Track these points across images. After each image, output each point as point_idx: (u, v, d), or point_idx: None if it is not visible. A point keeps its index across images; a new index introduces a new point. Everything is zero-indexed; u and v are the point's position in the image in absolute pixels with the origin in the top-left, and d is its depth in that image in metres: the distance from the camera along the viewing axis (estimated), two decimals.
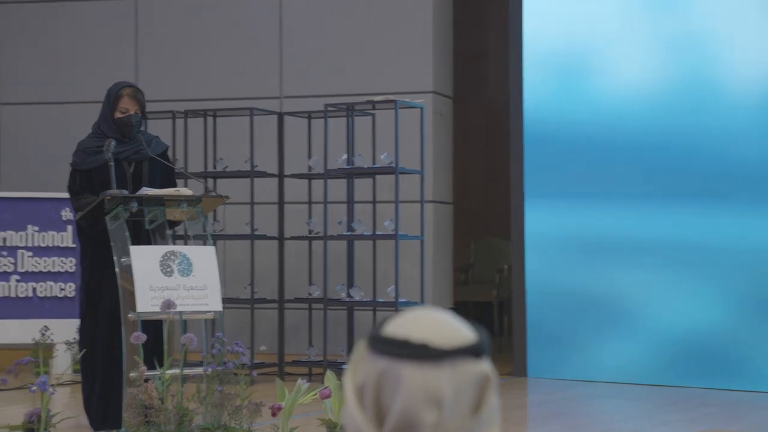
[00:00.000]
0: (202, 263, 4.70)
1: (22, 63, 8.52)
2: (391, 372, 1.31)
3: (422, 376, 1.30)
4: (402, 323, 1.34)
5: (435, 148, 7.80)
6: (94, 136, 5.02)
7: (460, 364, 1.31)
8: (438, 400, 1.30)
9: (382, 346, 1.33)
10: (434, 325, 1.34)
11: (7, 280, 7.53)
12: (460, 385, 1.31)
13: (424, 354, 1.30)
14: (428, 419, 1.30)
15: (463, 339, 1.33)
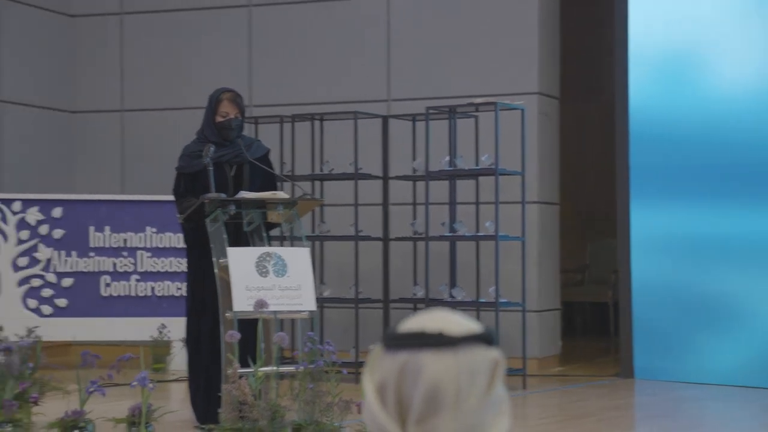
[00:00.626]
0: (296, 264, 4.85)
1: (144, 71, 8.87)
2: (412, 363, 1.39)
3: (442, 361, 1.38)
4: (414, 321, 1.44)
5: (540, 149, 7.80)
6: (198, 141, 5.24)
7: (474, 350, 1.39)
8: (456, 384, 1.39)
9: (400, 341, 1.42)
10: (445, 318, 1.43)
11: (127, 279, 7.87)
12: (474, 370, 1.39)
13: (441, 341, 1.39)
14: (449, 402, 1.38)
15: (474, 328, 1.42)
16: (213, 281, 4.91)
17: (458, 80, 7.88)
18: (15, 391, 4.72)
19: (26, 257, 7.77)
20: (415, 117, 7.36)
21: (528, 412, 6.12)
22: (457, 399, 1.39)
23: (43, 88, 8.78)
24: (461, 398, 1.39)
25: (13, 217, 7.80)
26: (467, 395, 1.39)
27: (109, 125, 8.95)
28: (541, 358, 7.69)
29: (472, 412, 1.40)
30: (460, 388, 1.39)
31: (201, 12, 8.76)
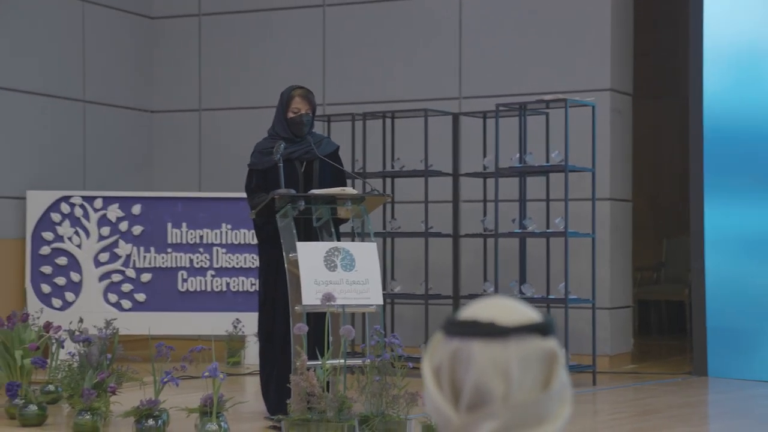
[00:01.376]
0: (364, 259, 4.93)
1: (221, 71, 9.05)
2: (463, 350, 1.42)
3: (491, 351, 1.40)
4: (473, 308, 1.46)
5: (612, 146, 7.77)
6: (269, 138, 5.35)
7: (526, 341, 1.41)
8: (506, 374, 1.40)
9: (454, 328, 1.45)
10: (501, 307, 1.45)
11: (203, 275, 8.05)
12: (526, 360, 1.40)
13: (492, 331, 1.41)
14: (497, 392, 1.40)
15: (529, 318, 1.43)
16: (284, 275, 5.01)
17: (530, 77, 7.89)
18: (94, 381, 4.89)
19: (107, 253, 8.00)
20: (485, 114, 7.40)
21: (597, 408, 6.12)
22: (507, 390, 1.40)
23: (125, 89, 9.02)
24: (512, 389, 1.40)
25: (95, 214, 8.04)
26: (519, 386, 1.40)
27: (187, 124, 9.15)
28: (612, 355, 7.66)
29: (529, 403, 1.40)
30: (510, 378, 1.40)
31: (276, 12, 8.91)
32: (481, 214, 7.49)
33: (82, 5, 8.68)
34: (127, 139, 9.02)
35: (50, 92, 8.37)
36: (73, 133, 8.57)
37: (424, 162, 7.17)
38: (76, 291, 7.95)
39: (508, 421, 1.41)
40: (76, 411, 4.73)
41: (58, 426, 4.91)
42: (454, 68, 8.18)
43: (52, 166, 8.35)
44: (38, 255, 7.93)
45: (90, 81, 8.71)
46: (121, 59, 8.99)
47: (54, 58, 8.43)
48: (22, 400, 4.98)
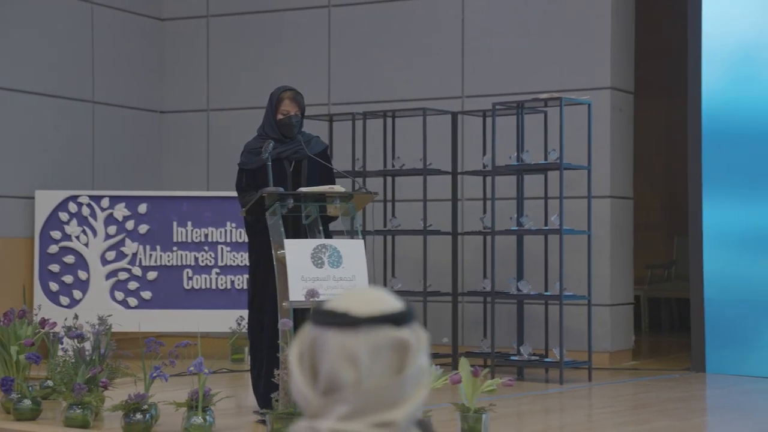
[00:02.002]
0: (351, 256, 5.01)
1: (228, 71, 9.16)
2: (320, 338, 1.53)
3: (342, 340, 1.50)
4: (338, 298, 1.56)
5: (613, 144, 7.80)
6: (259, 138, 5.44)
7: (377, 330, 1.50)
8: (355, 361, 1.49)
9: (316, 317, 1.56)
10: (361, 298, 1.54)
11: (208, 273, 8.16)
12: (376, 349, 1.49)
13: (344, 321, 1.51)
14: (348, 378, 1.50)
15: (383, 309, 1.52)
16: (273, 272, 5.10)
17: (531, 76, 7.93)
18: (86, 376, 4.99)
19: (113, 251, 8.13)
20: (485, 113, 7.46)
21: (588, 402, 6.17)
22: (358, 376, 1.49)
23: (134, 90, 9.14)
24: (362, 376, 1.49)
25: (102, 213, 8.17)
26: (370, 373, 1.48)
27: (195, 124, 9.26)
28: (613, 351, 7.69)
29: (380, 388, 1.49)
30: (359, 366, 1.49)
31: (283, 13, 9.00)
32: (480, 212, 7.55)
33: (91, 7, 8.81)
34: (136, 140, 9.14)
35: (60, 93, 8.51)
36: (82, 134, 8.70)
37: (422, 161, 7.23)
38: (83, 289, 8.08)
39: (360, 404, 1.49)
40: (68, 405, 4.83)
41: (52, 420, 5.02)
42: (456, 67, 8.24)
43: (62, 167, 8.48)
44: (46, 253, 8.07)
45: (99, 82, 8.84)
46: (130, 60, 9.12)
47: (63, 60, 8.56)
48: (17, 395, 5.09)
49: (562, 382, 6.56)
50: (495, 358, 6.84)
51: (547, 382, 6.79)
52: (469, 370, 4.49)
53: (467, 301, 7.85)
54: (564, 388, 6.50)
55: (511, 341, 7.26)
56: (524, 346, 6.86)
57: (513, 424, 5.46)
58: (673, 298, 11.20)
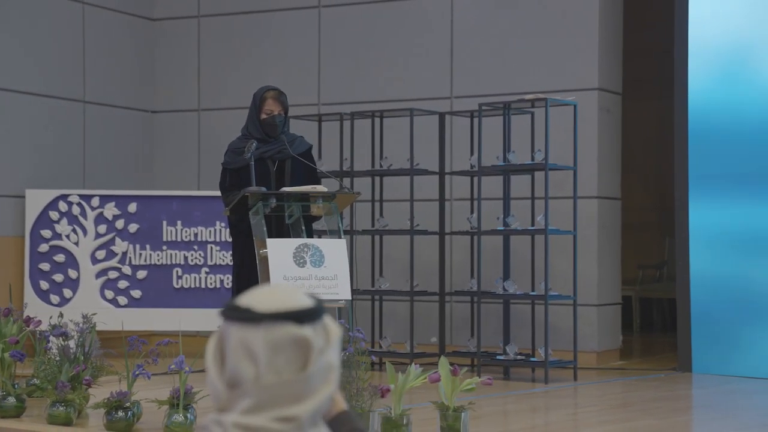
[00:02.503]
0: (333, 255, 5.04)
1: (219, 71, 9.19)
2: (225, 333, 1.57)
3: (242, 335, 1.53)
4: (248, 294, 1.58)
5: (600, 145, 7.83)
6: (242, 138, 5.47)
7: (277, 327, 1.52)
8: (254, 357, 1.52)
9: (224, 311, 1.59)
10: (265, 295, 1.56)
11: (198, 272, 8.19)
12: (276, 345, 1.52)
13: (244, 317, 1.53)
14: (248, 373, 1.53)
15: (286, 306, 1.54)
16: (256, 272, 5.13)
17: (519, 76, 7.97)
18: (70, 374, 5.02)
19: (104, 250, 8.15)
20: (473, 113, 7.49)
21: (570, 402, 6.20)
22: (257, 371, 1.52)
23: (125, 89, 9.17)
24: (261, 372, 1.51)
25: (92, 212, 8.19)
26: (269, 369, 1.51)
27: (186, 124, 9.29)
28: (600, 351, 7.72)
29: (282, 383, 1.51)
30: (258, 361, 1.51)
31: (273, 14, 9.03)
32: (468, 212, 7.58)
33: (82, 7, 8.84)
34: (127, 139, 9.17)
35: (51, 93, 8.54)
36: (73, 133, 8.73)
37: (410, 161, 7.26)
38: (73, 288, 8.11)
39: (262, 399, 1.52)
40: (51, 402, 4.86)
41: (36, 417, 5.05)
42: (445, 68, 8.27)
43: (52, 166, 8.51)
44: (37, 252, 8.10)
45: (90, 82, 8.86)
46: (121, 60, 9.15)
47: (54, 59, 8.59)
48: (2, 393, 5.12)
49: (547, 382, 6.60)
50: (481, 358, 6.87)
51: (533, 382, 6.82)
52: (449, 368, 4.52)
53: (454, 300, 7.88)
54: (549, 387, 6.53)
55: (498, 341, 7.28)
56: (510, 346, 6.89)
57: (498, 422, 5.49)
58: (665, 298, 11.23)
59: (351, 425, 1.76)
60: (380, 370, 6.95)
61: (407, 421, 4.42)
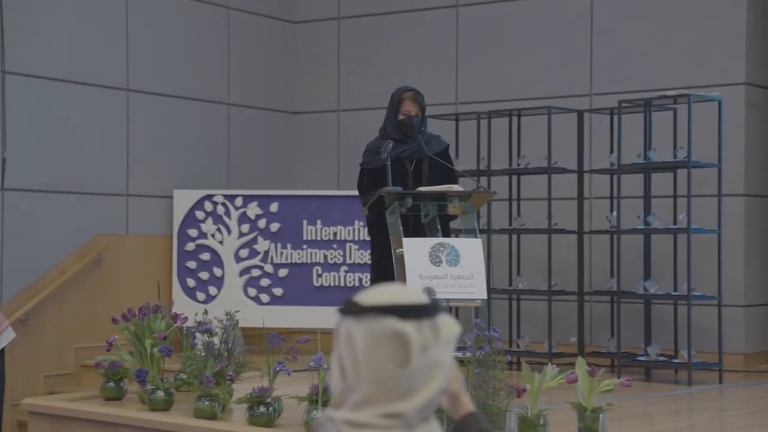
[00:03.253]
0: (469, 254, 5.04)
1: (359, 72, 9.31)
2: (337, 327, 1.61)
3: (347, 327, 1.57)
4: (366, 290, 1.62)
5: (748, 141, 7.60)
6: (380, 138, 5.53)
7: (378, 321, 1.55)
8: (353, 348, 1.56)
9: (340, 307, 1.63)
10: (380, 291, 1.59)
11: (337, 270, 8.32)
12: (374, 339, 1.54)
13: (350, 309, 1.57)
14: (348, 364, 1.57)
15: (392, 301, 1.56)
16: (393, 271, 5.18)
17: (662, 71, 7.80)
18: (214, 370, 5.17)
19: (246, 249, 8.37)
20: (612, 111, 7.37)
21: (714, 405, 6.04)
22: (356, 362, 1.54)
23: (267, 91, 9.38)
24: (360, 363, 1.54)
25: (236, 211, 8.42)
26: (367, 361, 1.53)
27: (326, 125, 9.44)
28: (747, 353, 7.50)
29: (387, 378, 1.53)
30: (357, 353, 1.54)
31: (411, 14, 9.09)
32: (607, 211, 7.47)
33: (227, 12, 9.09)
34: (269, 140, 9.38)
35: (197, 96, 8.81)
36: (218, 135, 8.98)
37: (548, 159, 7.20)
38: (218, 285, 8.35)
39: (367, 394, 1.54)
40: (197, 397, 5.03)
41: (183, 411, 5.22)
42: (584, 65, 8.16)
43: (198, 167, 8.78)
44: (184, 251, 8.37)
45: (234, 84, 9.11)
46: (264, 63, 9.37)
47: (201, 63, 8.86)
48: (151, 387, 5.32)
49: (690, 384, 6.44)
50: (622, 358, 6.76)
51: (675, 384, 6.67)
52: (586, 369, 4.47)
53: (594, 300, 7.78)
54: (693, 389, 6.38)
55: (638, 341, 7.15)
56: (652, 347, 6.76)
57: (639, 424, 5.39)
58: None
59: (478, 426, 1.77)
60: (517, 370, 6.91)
61: (544, 422, 4.39)
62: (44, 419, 5.48)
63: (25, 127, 7.61)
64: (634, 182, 7.27)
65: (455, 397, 1.79)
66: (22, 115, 7.59)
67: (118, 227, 8.21)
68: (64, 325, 7.77)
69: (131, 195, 8.31)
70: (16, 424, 7.34)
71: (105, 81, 8.15)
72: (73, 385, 7.72)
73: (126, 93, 8.30)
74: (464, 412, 1.80)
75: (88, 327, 7.85)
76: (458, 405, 1.79)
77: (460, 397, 1.80)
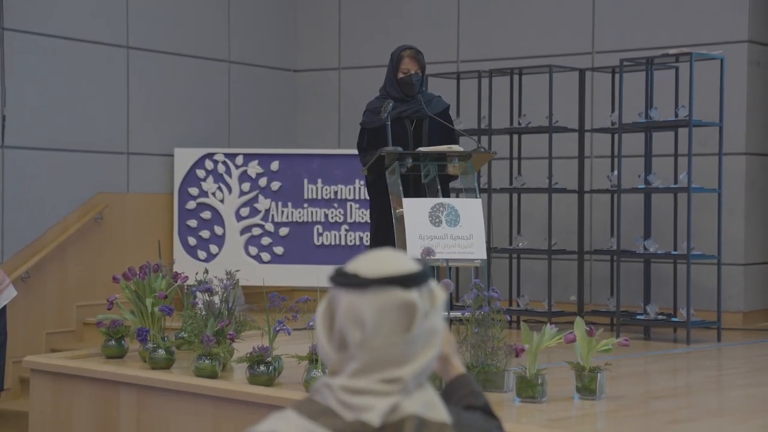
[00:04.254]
0: (469, 215, 5.05)
1: (359, 30, 9.25)
2: (334, 298, 1.61)
3: (349, 300, 1.57)
4: (356, 260, 1.62)
5: (750, 99, 7.57)
6: (381, 97, 5.51)
7: (384, 292, 1.56)
8: (361, 321, 1.56)
9: (333, 277, 1.64)
10: (373, 260, 1.60)
11: (338, 229, 8.33)
12: (382, 310, 1.55)
13: (352, 282, 1.58)
14: (354, 337, 1.57)
15: (392, 271, 1.57)
16: (393, 231, 5.19)
17: (664, 29, 7.76)
18: (215, 329, 5.20)
19: (247, 208, 8.38)
20: (614, 69, 7.33)
21: (713, 363, 6.07)
22: (363, 335, 1.55)
23: (268, 49, 9.34)
24: (368, 336, 1.55)
25: (237, 170, 8.42)
26: (375, 332, 1.54)
27: (327, 83, 9.40)
28: (746, 312, 7.53)
29: (386, 345, 1.55)
30: (364, 325, 1.55)
31: None
32: (608, 170, 7.46)
33: None
34: (270, 98, 9.35)
35: (197, 53, 8.77)
36: (218, 93, 8.96)
37: (549, 118, 7.18)
38: (219, 244, 8.37)
39: (368, 361, 1.56)
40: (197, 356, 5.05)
41: (184, 370, 5.25)
42: (587, 23, 8.11)
43: (199, 125, 8.77)
44: (185, 209, 8.38)
45: (234, 42, 9.06)
46: (264, 20, 9.31)
47: (200, 20, 8.81)
48: (152, 345, 5.35)
49: (689, 342, 6.47)
50: (621, 317, 6.79)
51: (674, 342, 6.70)
52: (584, 329, 4.49)
53: (594, 259, 7.79)
54: (691, 348, 6.41)
55: (637, 300, 7.18)
56: (651, 306, 6.79)
57: (638, 383, 5.42)
58: None
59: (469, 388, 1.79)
60: (517, 329, 6.94)
61: (542, 381, 4.42)
62: (46, 377, 5.51)
63: (25, 85, 7.59)
64: (634, 141, 7.25)
65: (446, 360, 1.81)
66: (22, 73, 7.57)
67: (119, 185, 8.22)
68: (66, 282, 7.80)
69: (132, 153, 8.30)
70: (19, 380, 7.40)
71: (105, 38, 8.11)
72: (75, 342, 7.77)
73: (126, 50, 8.27)
74: (455, 374, 1.82)
75: (89, 285, 7.88)
76: (449, 367, 1.81)
77: (451, 359, 1.82)
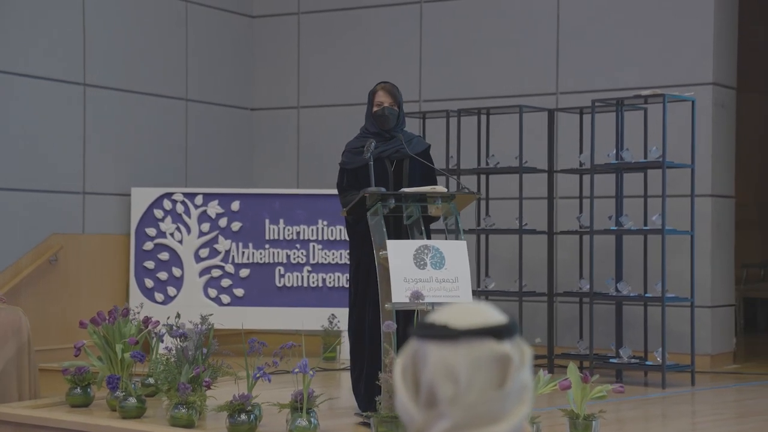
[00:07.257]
0: (454, 257, 4.93)
1: (319, 68, 9.15)
2: (421, 351, 1.49)
3: (441, 353, 1.45)
4: (440, 311, 1.51)
5: (715, 141, 7.60)
6: (361, 136, 5.39)
7: (477, 344, 1.45)
8: (454, 376, 1.45)
9: (417, 330, 1.52)
10: (461, 311, 1.50)
11: (300, 271, 8.16)
12: (476, 363, 1.44)
13: (443, 334, 1.46)
14: (446, 393, 1.45)
15: (484, 322, 1.47)
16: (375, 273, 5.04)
17: (630, 71, 7.77)
18: (189, 375, 5.00)
19: (207, 249, 8.17)
20: (582, 110, 7.32)
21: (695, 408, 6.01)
22: (456, 391, 1.44)
23: (225, 87, 9.19)
24: (461, 390, 1.44)
25: (196, 210, 8.22)
26: (469, 387, 1.44)
27: (285, 122, 9.27)
28: (714, 354, 7.51)
29: (480, 402, 1.44)
30: (458, 380, 1.44)
31: (373, 9, 8.96)
32: (577, 211, 7.42)
33: (185, 5, 8.87)
34: (227, 137, 9.19)
35: (154, 91, 8.58)
36: (175, 131, 8.77)
37: (518, 158, 7.13)
38: (177, 286, 8.14)
39: (460, 419, 1.45)
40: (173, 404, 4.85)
41: (157, 419, 5.04)
42: (551, 64, 8.11)
43: (156, 164, 8.56)
44: (142, 250, 8.15)
45: (192, 80, 8.90)
46: (222, 58, 9.17)
47: (157, 58, 8.63)
48: (122, 393, 5.13)
49: (664, 387, 6.41)
50: (593, 360, 6.71)
51: (646, 386, 6.64)
52: (579, 375, 4.39)
53: (562, 301, 7.73)
54: (666, 392, 6.34)
55: (607, 343, 7.11)
56: (624, 349, 6.72)
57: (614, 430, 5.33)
58: None
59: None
60: None
61: (537, 429, 4.30)
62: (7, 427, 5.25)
63: None
64: (602, 182, 7.22)
65: None
66: None
67: (74, 226, 7.96)
68: None
69: (88, 193, 8.06)
70: None
71: (61, 75, 7.89)
72: None
73: (83, 87, 8.05)
74: None
75: (43, 329, 7.59)
76: None
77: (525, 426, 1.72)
